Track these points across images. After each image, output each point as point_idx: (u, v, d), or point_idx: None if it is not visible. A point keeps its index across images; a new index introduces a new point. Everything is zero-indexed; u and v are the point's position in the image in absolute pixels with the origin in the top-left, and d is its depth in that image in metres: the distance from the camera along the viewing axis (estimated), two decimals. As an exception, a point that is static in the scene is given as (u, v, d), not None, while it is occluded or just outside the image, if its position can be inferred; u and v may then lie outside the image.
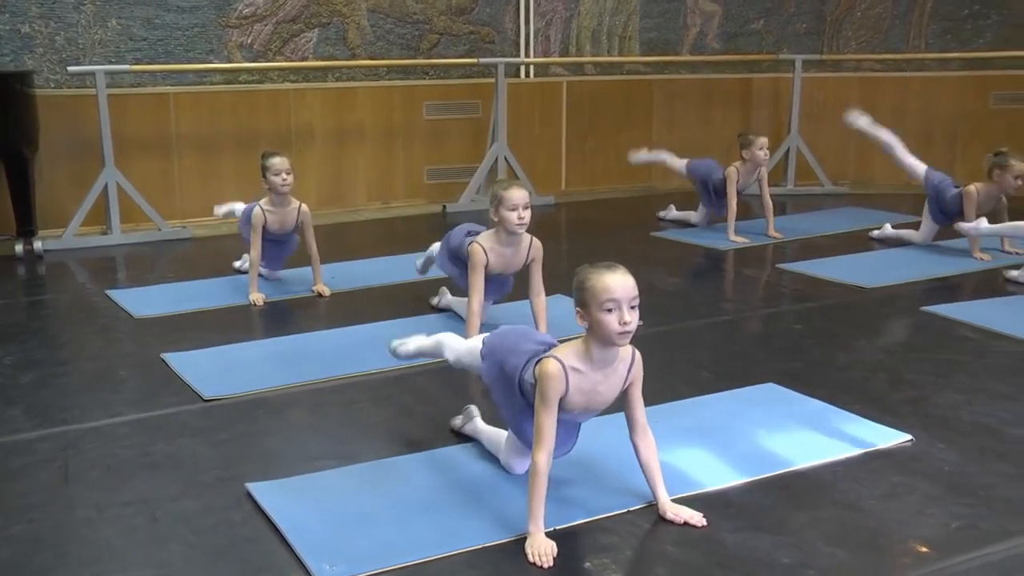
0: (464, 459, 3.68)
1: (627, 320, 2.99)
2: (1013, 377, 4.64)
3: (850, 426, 4.01)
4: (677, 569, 3.00)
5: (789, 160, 9.43)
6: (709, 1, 9.82)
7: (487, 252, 4.81)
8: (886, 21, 9.94)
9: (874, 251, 7.18)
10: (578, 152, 9.38)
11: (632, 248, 7.24)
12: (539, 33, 9.22)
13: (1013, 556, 3.07)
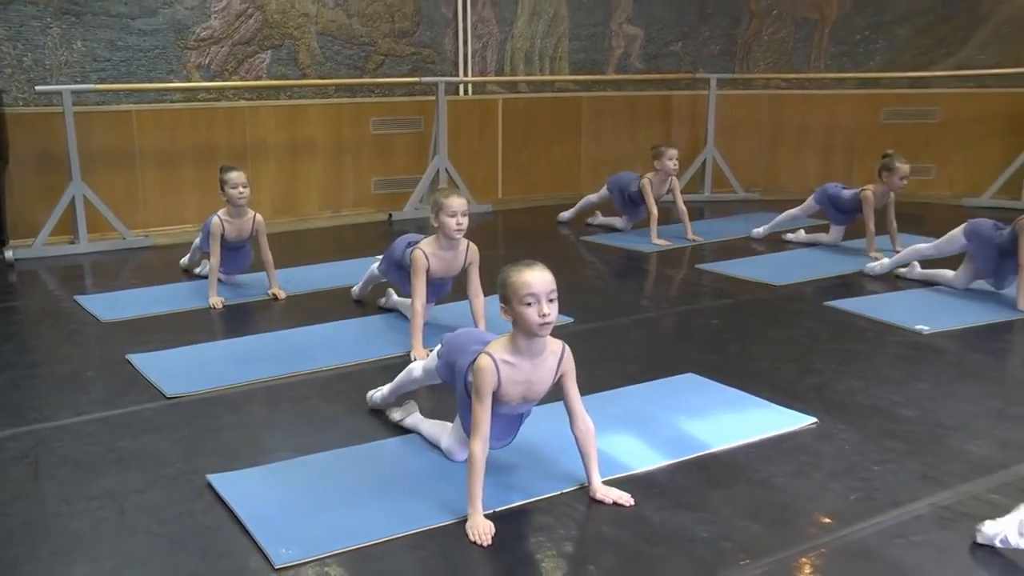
0: (409, 449, 3.68)
1: (546, 312, 3.02)
2: (904, 364, 4.74)
3: (762, 411, 4.07)
4: (607, 546, 3.03)
5: (706, 169, 9.52)
6: (631, 25, 9.89)
7: (428, 257, 4.81)
8: (790, 44, 10.08)
9: (783, 252, 7.26)
10: (513, 163, 9.40)
11: (564, 252, 7.28)
12: (476, 54, 9.22)
13: (902, 523, 3.15)
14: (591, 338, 5.09)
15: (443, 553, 2.96)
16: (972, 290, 5.97)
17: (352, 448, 3.70)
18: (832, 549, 3.00)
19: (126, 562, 2.89)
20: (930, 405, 4.19)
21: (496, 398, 3.12)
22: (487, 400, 3.09)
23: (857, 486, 3.41)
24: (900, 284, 6.24)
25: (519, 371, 3.12)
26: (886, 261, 6.50)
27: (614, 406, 4.09)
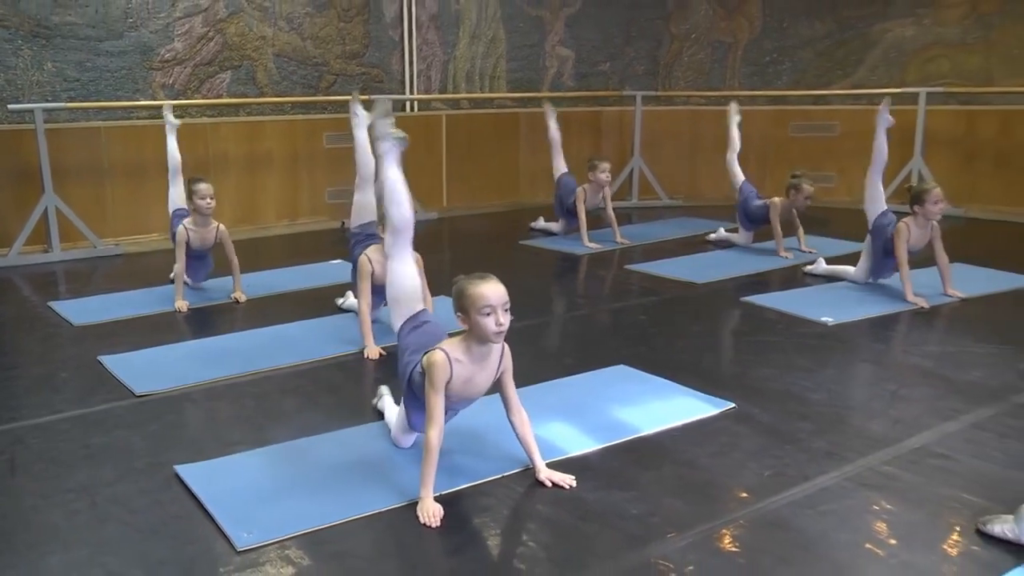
0: (363, 438, 3.67)
1: (502, 322, 3.05)
2: (812, 353, 4.80)
3: (686, 398, 4.10)
4: (546, 524, 3.04)
5: (633, 178, 9.59)
6: (563, 47, 9.92)
7: (372, 263, 4.78)
8: (707, 65, 10.19)
9: (704, 252, 7.32)
10: (457, 174, 9.38)
11: (504, 255, 7.29)
12: (421, 74, 9.20)
13: (810, 495, 3.20)
14: (531, 334, 5.11)
15: (394, 534, 2.96)
16: (870, 284, 6.08)
17: (308, 439, 3.68)
18: (749, 520, 3.04)
19: (99, 551, 2.85)
20: (835, 389, 4.27)
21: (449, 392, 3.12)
22: (442, 391, 3.09)
23: (771, 463, 3.46)
24: (808, 280, 6.33)
25: (467, 369, 3.13)
26: (823, 264, 6.50)
27: (552, 396, 4.11)
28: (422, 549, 2.89)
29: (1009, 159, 8.85)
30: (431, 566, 2.83)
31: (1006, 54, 8.95)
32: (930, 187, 5.77)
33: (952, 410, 3.99)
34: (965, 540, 2.93)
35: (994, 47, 9.01)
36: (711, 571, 2.74)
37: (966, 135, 9.06)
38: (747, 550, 2.88)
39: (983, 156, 8.98)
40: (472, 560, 2.86)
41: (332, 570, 2.76)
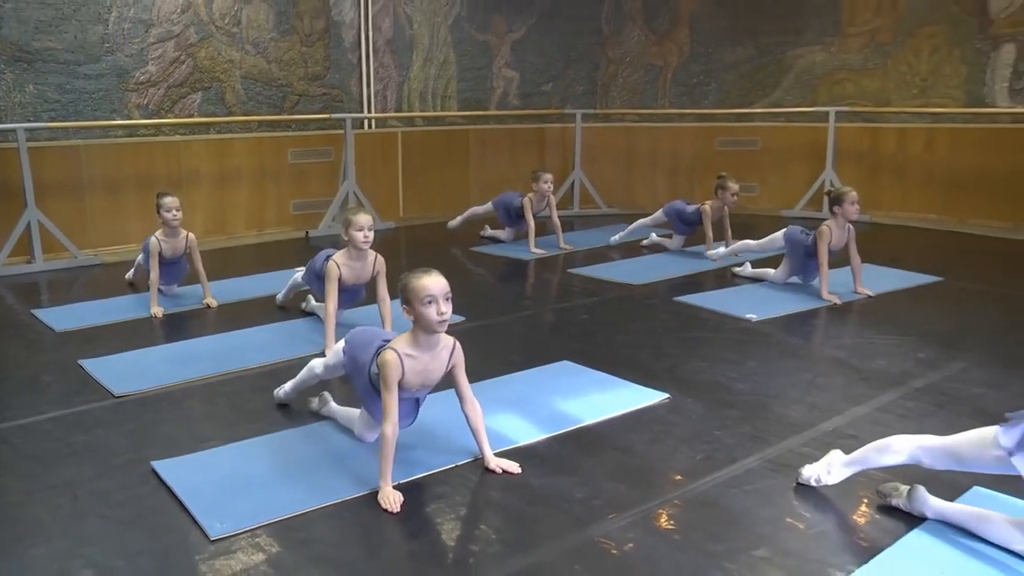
0: (325, 433, 3.64)
1: (443, 311, 3.04)
2: (739, 346, 4.86)
3: (624, 390, 4.12)
4: (497, 509, 3.05)
5: (574, 189, 9.62)
6: (509, 69, 9.93)
7: (340, 267, 4.75)
8: (641, 85, 10.26)
9: (639, 256, 7.35)
10: (412, 186, 9.34)
11: (456, 260, 7.27)
12: (378, 94, 9.15)
13: (736, 475, 3.24)
14: (480, 333, 5.10)
15: (357, 520, 2.94)
16: (789, 284, 6.16)
17: (277, 434, 3.64)
18: (683, 500, 3.07)
19: (80, 543, 2.80)
20: (758, 379, 4.31)
21: (399, 385, 3.11)
22: (395, 388, 3.08)
23: (702, 448, 3.50)
24: (735, 281, 6.40)
25: (419, 362, 3.12)
26: (722, 250, 6.80)
27: (500, 390, 4.10)
28: (383, 534, 2.88)
29: (906, 171, 9.04)
30: (392, 549, 2.81)
31: (900, 79, 9.16)
32: (847, 190, 5.88)
33: (860, 395, 4.07)
34: (871, 511, 3.00)
35: (889, 73, 9.21)
36: (649, 547, 2.77)
37: (870, 149, 9.23)
38: (681, 527, 2.90)
39: (884, 168, 9.16)
40: (429, 543, 2.86)
41: (300, 555, 2.73)
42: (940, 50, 8.88)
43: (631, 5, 10.17)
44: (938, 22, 8.87)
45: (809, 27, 9.62)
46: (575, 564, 2.67)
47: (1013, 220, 8.25)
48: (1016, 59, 8.42)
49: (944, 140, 8.84)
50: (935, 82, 8.95)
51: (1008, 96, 8.53)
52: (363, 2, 8.88)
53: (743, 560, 2.69)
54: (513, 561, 2.70)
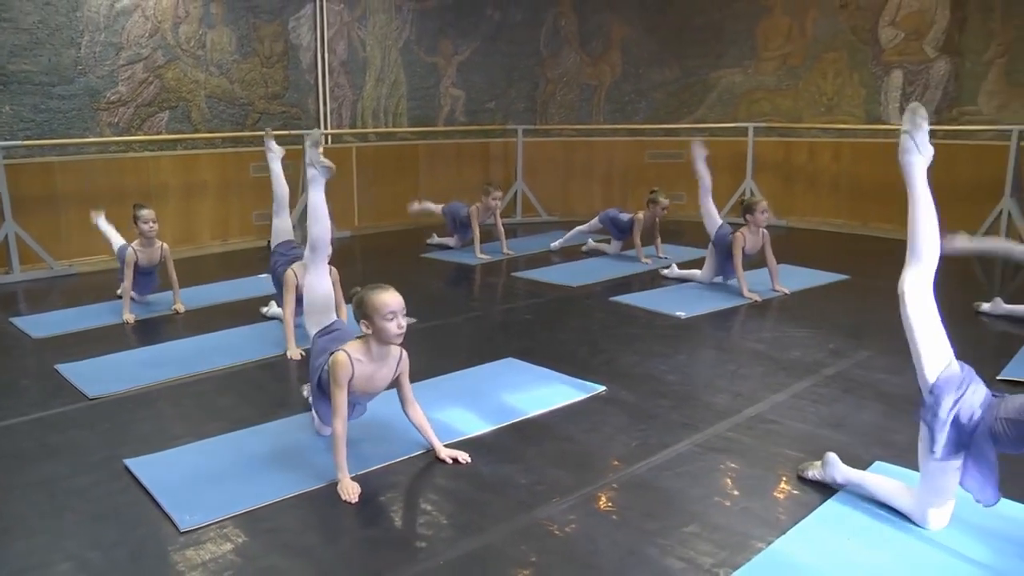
0: (288, 429, 3.60)
1: (402, 324, 3.03)
2: (669, 341, 4.90)
3: (564, 384, 4.14)
4: (448, 496, 3.04)
5: (517, 199, 9.63)
6: (455, 88, 9.90)
7: (297, 277, 4.70)
8: (577, 103, 10.32)
9: (579, 260, 7.37)
10: (366, 198, 9.25)
11: (407, 266, 7.22)
12: (334, 112, 9.06)
13: (669, 460, 3.28)
14: (431, 334, 5.08)
15: (318, 510, 2.91)
16: (714, 284, 6.24)
17: (242, 431, 3.59)
18: (620, 484, 3.09)
19: (57, 537, 2.73)
20: (687, 371, 4.37)
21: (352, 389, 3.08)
22: (344, 387, 3.05)
23: (636, 435, 3.53)
24: (664, 282, 6.45)
25: (368, 368, 3.10)
26: (676, 269, 6.60)
27: (449, 386, 4.10)
28: (342, 522, 2.85)
29: (816, 180, 9.23)
30: (350, 536, 2.79)
31: (809, 98, 9.36)
32: (758, 200, 6.00)
33: (779, 384, 4.14)
34: (790, 487, 3.06)
35: (800, 92, 9.41)
36: (589, 527, 2.78)
37: (784, 161, 9.40)
38: (619, 508, 2.93)
39: (798, 177, 9.34)
40: (385, 529, 2.84)
41: (265, 544, 2.70)
42: (842, 73, 9.12)
43: (567, 30, 10.23)
44: (839, 48, 9.11)
45: (728, 52, 9.80)
46: (521, 545, 2.68)
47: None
48: (904, 83, 8.72)
49: (848, 153, 9.05)
50: (839, 101, 9.17)
51: (899, 114, 8.76)
52: (319, 27, 8.80)
53: (675, 536, 2.73)
54: (463, 543, 2.70)
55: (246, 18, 8.31)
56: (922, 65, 8.58)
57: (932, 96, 8.54)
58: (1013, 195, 7.43)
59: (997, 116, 8.11)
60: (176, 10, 7.84)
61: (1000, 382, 4.05)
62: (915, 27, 8.59)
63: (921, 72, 8.59)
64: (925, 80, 8.57)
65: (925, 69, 8.56)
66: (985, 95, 8.23)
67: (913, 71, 8.64)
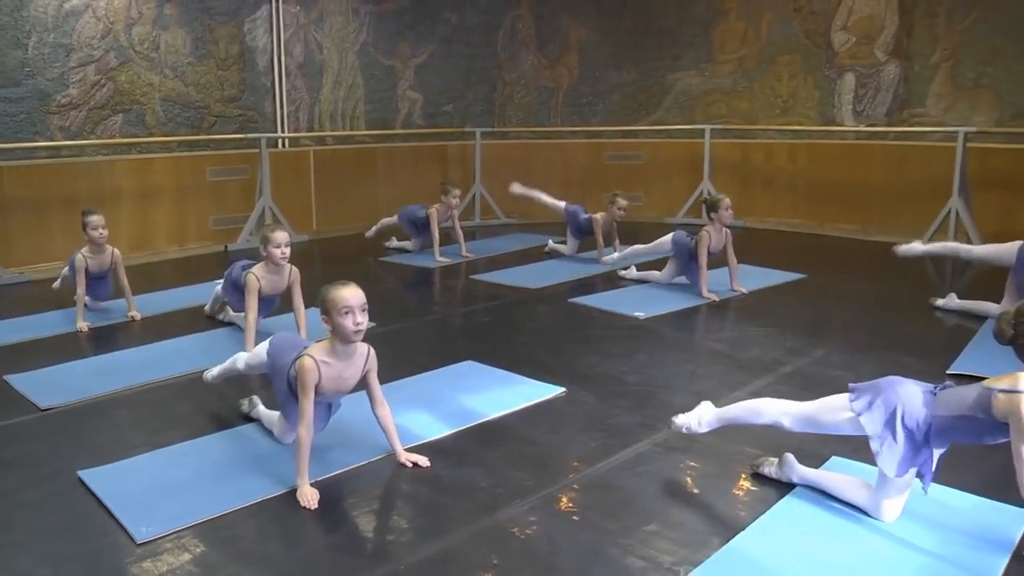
0: (247, 436, 3.56)
1: (359, 321, 3.01)
2: (627, 342, 4.93)
3: (524, 385, 4.14)
4: (409, 500, 3.03)
5: (475, 201, 9.63)
6: (413, 91, 9.88)
7: (259, 279, 4.67)
8: (535, 105, 10.35)
9: (537, 262, 7.37)
10: (325, 201, 9.18)
11: (367, 270, 7.19)
12: (291, 115, 8.99)
13: (629, 460, 3.30)
14: (391, 338, 5.05)
15: (277, 518, 2.88)
16: (673, 284, 6.28)
17: (200, 439, 3.54)
18: (581, 484, 3.11)
19: (11, 552, 2.67)
20: (647, 371, 4.39)
21: (316, 391, 3.06)
22: (311, 393, 3.03)
23: (597, 435, 3.54)
24: (622, 283, 6.49)
25: (334, 369, 3.08)
26: (615, 255, 6.86)
27: (410, 390, 4.08)
28: (302, 529, 2.83)
29: (773, 181, 9.36)
30: (311, 542, 2.77)
31: (765, 101, 9.51)
32: (722, 198, 6.06)
33: (738, 382, 4.19)
34: (748, 484, 3.09)
35: (756, 95, 9.56)
36: (550, 528, 2.79)
37: (741, 162, 9.52)
38: (580, 508, 2.94)
39: (754, 178, 9.46)
40: (346, 535, 2.82)
41: (224, 554, 2.66)
42: (797, 76, 9.27)
43: (525, 32, 10.26)
44: (793, 52, 9.27)
45: (685, 54, 9.91)
46: (483, 547, 2.68)
47: (861, 223, 8.65)
48: (856, 85, 8.89)
49: (804, 154, 9.19)
50: (794, 103, 9.32)
51: (852, 116, 8.97)
52: (275, 29, 8.73)
53: (636, 536, 2.74)
54: (425, 547, 2.68)
55: (201, 20, 8.22)
56: (873, 68, 8.75)
57: (883, 98, 8.72)
58: (960, 194, 7.60)
59: (944, 118, 8.30)
60: (129, 11, 7.72)
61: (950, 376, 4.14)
62: (866, 31, 8.77)
63: (872, 75, 8.77)
64: (876, 83, 8.75)
65: (876, 72, 8.74)
66: (933, 97, 8.42)
67: (865, 74, 8.81)
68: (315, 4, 9.02)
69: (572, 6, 10.16)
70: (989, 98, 8.08)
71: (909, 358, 4.53)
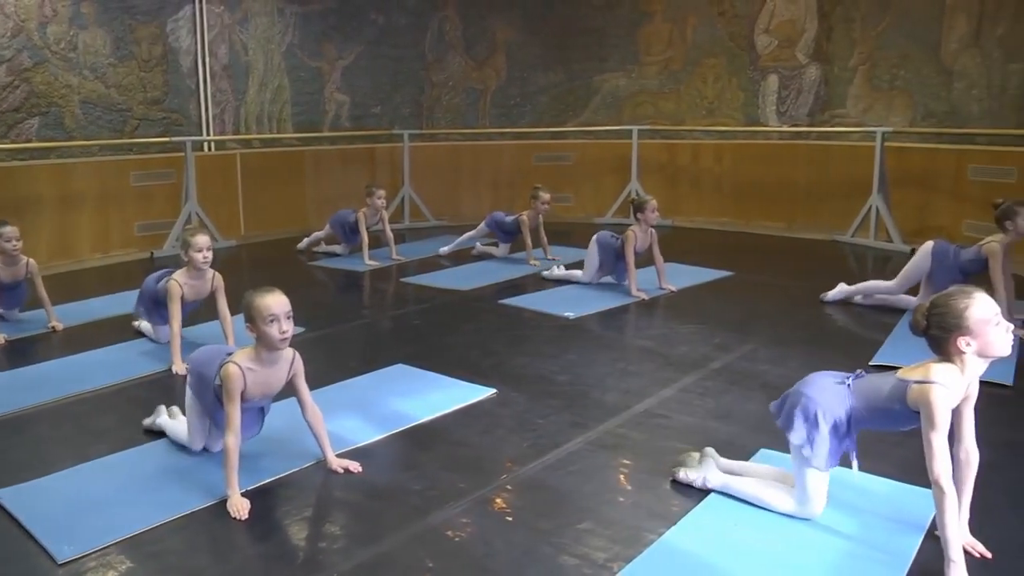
0: (175, 448, 3.45)
1: (285, 329, 2.97)
2: (557, 342, 4.96)
3: (455, 387, 4.13)
4: (341, 506, 3.00)
5: (405, 204, 9.57)
6: (340, 93, 9.78)
7: (182, 286, 4.56)
8: (463, 107, 10.35)
9: (467, 264, 7.35)
10: (252, 205, 9.03)
11: (296, 275, 7.08)
12: (217, 117, 8.82)
13: (561, 459, 3.32)
14: (321, 343, 4.99)
15: (207, 530, 2.82)
16: (602, 284, 6.33)
17: (125, 452, 3.43)
18: (514, 485, 3.11)
19: (-85, 576, 2.55)
20: (577, 370, 4.42)
21: (242, 396, 3.01)
22: (237, 400, 2.98)
23: (528, 436, 3.55)
24: (546, 284, 6.48)
25: (260, 375, 3.04)
26: (561, 270, 6.66)
27: (341, 395, 4.04)
28: (232, 540, 2.77)
29: (700, 180, 9.54)
30: (241, 554, 2.71)
31: (691, 102, 9.70)
32: (648, 199, 6.15)
33: (667, 379, 4.25)
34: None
35: (682, 96, 9.75)
36: (484, 530, 2.79)
37: (669, 162, 9.67)
38: (513, 509, 2.94)
39: (682, 178, 9.62)
40: (279, 544, 2.77)
41: (151, 569, 2.59)
42: (722, 78, 9.48)
43: (452, 34, 10.25)
44: (718, 54, 9.47)
45: (612, 56, 10.03)
46: (417, 551, 2.67)
47: (786, 220, 8.87)
48: (779, 87, 9.14)
49: (729, 154, 9.39)
50: (720, 105, 9.52)
51: (776, 117, 9.20)
52: (199, 30, 8.55)
53: (569, 534, 2.76)
54: (359, 553, 2.66)
55: (121, 19, 8.00)
56: (795, 71, 8.99)
57: (805, 99, 8.97)
58: (880, 192, 7.85)
59: (863, 118, 8.57)
60: (42, 8, 7.48)
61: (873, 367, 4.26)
62: (787, 35, 9.01)
63: (795, 77, 9.01)
64: (799, 84, 8.99)
65: (798, 74, 8.98)
66: (852, 99, 8.69)
67: (787, 76, 9.05)
68: (239, 4, 8.87)
69: (499, 8, 10.20)
70: (903, 100, 8.37)
71: (833, 351, 4.66)
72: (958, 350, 2.49)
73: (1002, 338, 2.48)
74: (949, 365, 2.52)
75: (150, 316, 4.93)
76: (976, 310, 2.46)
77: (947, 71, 7.98)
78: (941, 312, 2.51)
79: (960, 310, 2.47)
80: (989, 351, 2.49)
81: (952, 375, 2.50)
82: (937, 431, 2.44)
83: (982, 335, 2.46)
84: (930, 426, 2.45)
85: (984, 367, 2.54)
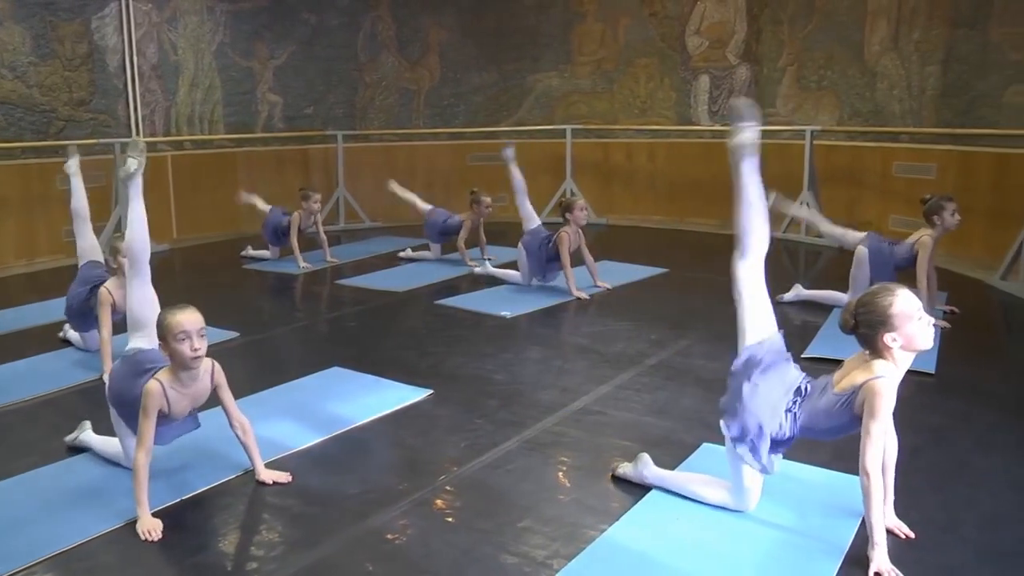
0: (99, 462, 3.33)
1: (197, 347, 2.88)
2: (495, 341, 4.96)
3: (392, 389, 4.10)
4: (278, 513, 2.95)
5: (339, 205, 9.47)
6: (273, 93, 9.63)
7: (112, 293, 4.43)
8: (396, 108, 10.27)
9: (402, 266, 7.31)
10: (184, 208, 8.83)
11: (229, 279, 6.93)
12: (146, 119, 8.59)
13: (499, 458, 3.32)
14: (255, 348, 4.90)
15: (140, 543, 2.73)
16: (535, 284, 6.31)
17: (54, 465, 3.31)
18: (453, 485, 3.10)
19: None
20: (514, 369, 4.43)
21: (169, 414, 2.93)
22: (153, 418, 2.88)
23: (466, 436, 3.55)
24: (489, 283, 6.48)
25: (182, 393, 2.96)
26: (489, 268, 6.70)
27: (276, 400, 3.97)
28: (167, 553, 2.70)
29: (634, 179, 9.65)
30: (176, 566, 2.65)
31: (624, 101, 9.81)
32: (576, 199, 6.20)
33: (604, 376, 4.28)
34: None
35: (616, 96, 9.85)
36: (424, 531, 2.77)
37: (603, 161, 9.76)
38: (452, 510, 2.93)
39: (616, 177, 9.72)
40: (214, 555, 2.71)
41: (76, 581, 2.51)
42: (654, 78, 9.61)
43: (385, 34, 10.17)
44: (650, 55, 9.60)
45: (544, 56, 10.08)
46: (356, 555, 2.64)
47: (720, 218, 8.98)
48: (711, 87, 9.30)
49: (663, 153, 9.52)
50: (653, 104, 9.65)
51: (708, 116, 9.36)
52: (126, 28, 8.32)
53: (509, 533, 2.76)
54: (296, 560, 2.62)
55: (41, 16, 7.74)
56: (726, 71, 9.16)
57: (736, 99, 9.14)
58: (810, 188, 8.05)
59: (793, 117, 8.77)
60: (-48, 5, 7.20)
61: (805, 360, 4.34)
62: (718, 36, 9.18)
63: (725, 77, 9.17)
64: (730, 85, 9.15)
65: (729, 75, 9.15)
66: (782, 98, 8.88)
67: (718, 76, 9.21)
68: (168, 3, 8.67)
69: (432, 8, 10.15)
70: (830, 99, 8.59)
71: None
72: (886, 346, 2.55)
73: (924, 332, 2.56)
74: (885, 361, 2.57)
75: (78, 325, 4.78)
76: (899, 306, 2.53)
77: (871, 72, 8.20)
78: (867, 310, 2.57)
79: (884, 307, 2.54)
80: (913, 345, 2.56)
81: (890, 368, 2.56)
82: (879, 421, 2.50)
83: (905, 330, 2.53)
84: (872, 416, 2.51)
85: (911, 360, 2.62)
